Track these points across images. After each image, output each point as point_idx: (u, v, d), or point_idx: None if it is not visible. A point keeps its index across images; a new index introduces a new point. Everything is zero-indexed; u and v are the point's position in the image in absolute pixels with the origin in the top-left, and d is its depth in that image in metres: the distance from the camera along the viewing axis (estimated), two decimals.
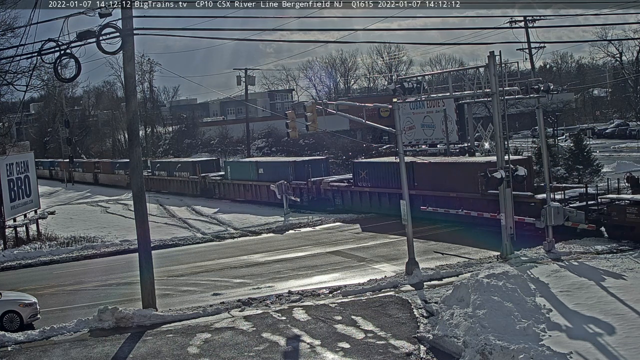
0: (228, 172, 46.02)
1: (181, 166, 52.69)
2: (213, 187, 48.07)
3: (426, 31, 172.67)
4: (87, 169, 74.94)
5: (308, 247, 27.65)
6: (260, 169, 42.48)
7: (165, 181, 55.39)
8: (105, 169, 69.21)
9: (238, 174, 44.97)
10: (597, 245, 22.39)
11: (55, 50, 17.66)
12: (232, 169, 45.92)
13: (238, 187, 44.59)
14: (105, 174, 68.64)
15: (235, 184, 45.03)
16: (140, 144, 20.78)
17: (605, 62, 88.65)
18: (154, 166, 57.62)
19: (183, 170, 51.94)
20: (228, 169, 46.25)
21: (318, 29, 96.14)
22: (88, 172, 74.40)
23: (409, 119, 47.90)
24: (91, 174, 72.66)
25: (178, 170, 52.66)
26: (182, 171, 52.11)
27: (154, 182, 56.01)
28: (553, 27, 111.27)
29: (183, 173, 51.81)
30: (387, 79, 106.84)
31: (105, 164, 70.11)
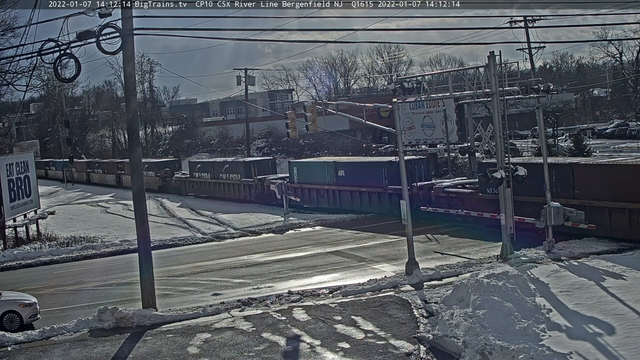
0: (294, 174, 39.55)
1: (229, 167, 46.36)
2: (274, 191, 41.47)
3: (425, 31, 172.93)
4: (108, 170, 68.58)
5: (308, 247, 27.65)
6: (340, 170, 36.31)
7: (208, 184, 48.84)
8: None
9: (308, 176, 38.71)
10: (597, 246, 22.39)
11: (55, 50, 17.67)
12: (301, 171, 39.54)
13: (309, 192, 38.31)
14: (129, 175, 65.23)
15: (305, 189, 38.64)
16: (140, 144, 20.79)
17: (605, 62, 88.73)
18: (193, 167, 51.46)
19: (232, 172, 45.61)
20: (294, 170, 39.74)
21: (317, 29, 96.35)
22: (109, 173, 68.15)
23: (409, 119, 47.93)
24: (113, 175, 66.33)
25: (225, 172, 46.42)
26: (230, 173, 45.79)
27: (194, 185, 50.82)
28: (552, 27, 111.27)
29: (232, 175, 45.42)
30: (387, 79, 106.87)
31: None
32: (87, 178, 73.20)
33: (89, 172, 73.78)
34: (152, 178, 55.37)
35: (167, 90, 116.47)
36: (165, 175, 54.61)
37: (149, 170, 55.73)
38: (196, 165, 51.31)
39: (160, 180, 54.98)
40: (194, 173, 50.82)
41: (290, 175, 40.13)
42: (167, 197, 50.42)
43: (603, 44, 72.33)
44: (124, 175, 63.02)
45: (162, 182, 54.73)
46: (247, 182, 43.22)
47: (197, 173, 50.40)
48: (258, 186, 42.24)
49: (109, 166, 69.30)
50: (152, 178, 55.35)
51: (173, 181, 53.60)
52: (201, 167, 50.26)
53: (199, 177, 49.97)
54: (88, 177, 73.17)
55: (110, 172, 67.37)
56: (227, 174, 46.27)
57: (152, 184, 54.26)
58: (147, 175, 54.45)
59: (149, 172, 55.73)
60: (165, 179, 54.60)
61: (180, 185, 52.48)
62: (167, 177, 54.29)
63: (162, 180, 54.83)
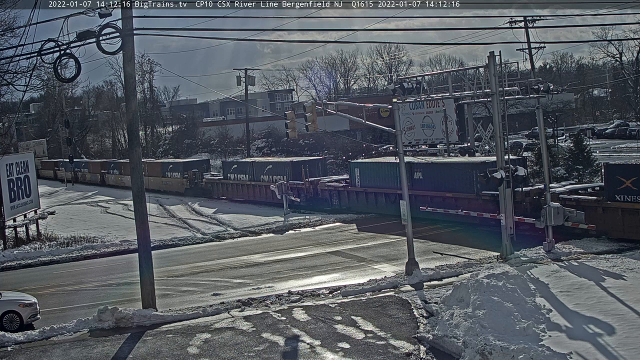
0: (356, 176, 35.26)
1: (273, 168, 41.77)
2: (330, 196, 36.97)
3: (424, 31, 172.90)
4: (125, 171, 61.89)
5: (308, 247, 27.65)
6: (417, 172, 31.22)
7: (245, 187, 44.01)
8: (153, 171, 56.16)
9: (374, 178, 34.10)
10: (597, 246, 22.40)
11: (55, 50, 17.67)
12: (365, 172, 34.92)
13: (375, 197, 33.73)
14: (153, 177, 55.58)
15: (370, 193, 34.24)
16: (140, 144, 20.78)
17: (605, 62, 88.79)
18: (228, 168, 46.81)
19: (276, 174, 41.10)
20: (356, 171, 35.32)
21: (317, 29, 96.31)
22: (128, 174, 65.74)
23: (409, 119, 47.95)
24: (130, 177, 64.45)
25: (268, 173, 41.88)
26: (274, 174, 41.29)
27: (228, 187, 46.06)
28: (552, 28, 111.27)
29: (276, 177, 40.70)
30: (387, 79, 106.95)
31: (154, 166, 57.15)
32: (101, 179, 68.59)
33: (103, 172, 68.68)
34: (178, 180, 51.53)
35: (167, 90, 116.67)
36: (194, 176, 49.92)
37: (174, 172, 52.47)
38: (231, 166, 46.66)
39: (187, 183, 50.35)
40: (228, 174, 46.30)
41: (352, 177, 35.68)
42: (196, 200, 45.87)
43: (603, 44, 72.44)
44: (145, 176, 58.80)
45: (190, 185, 50.06)
46: (296, 185, 38.72)
47: (232, 174, 45.81)
48: (310, 189, 38.02)
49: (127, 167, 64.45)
50: (177, 180, 51.63)
51: (203, 183, 49.00)
52: (237, 168, 45.67)
53: (234, 178, 45.32)
54: (102, 179, 68.39)
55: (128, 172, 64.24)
56: (270, 175, 41.61)
57: (178, 187, 51.29)
58: (172, 177, 52.71)
59: (173, 174, 52.57)
60: (194, 181, 49.85)
61: (212, 187, 48.09)
62: (195, 179, 49.67)
63: (189, 183, 50.17)
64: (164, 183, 54.08)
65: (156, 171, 55.64)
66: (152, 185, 53.94)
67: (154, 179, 54.86)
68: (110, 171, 66.53)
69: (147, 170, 55.91)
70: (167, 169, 53.92)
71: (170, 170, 53.45)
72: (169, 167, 53.83)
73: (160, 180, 54.45)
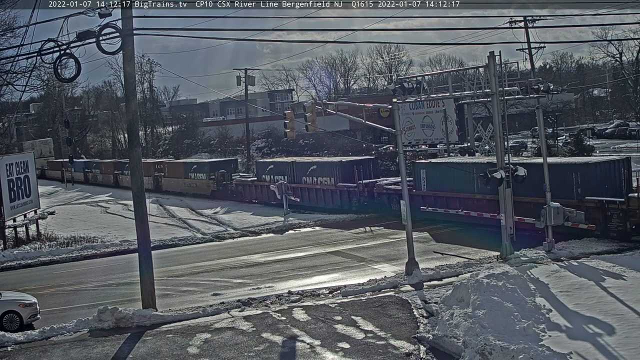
0: (422, 179, 30.79)
1: (317, 169, 37.70)
2: (388, 200, 32.31)
3: (423, 31, 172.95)
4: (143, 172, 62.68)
5: (308, 247, 27.65)
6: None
7: None
8: (174, 171, 52.99)
9: (445, 181, 29.32)
10: (597, 246, 22.40)
11: (55, 51, 17.67)
12: (432, 174, 30.28)
13: (447, 201, 29.25)
14: (174, 178, 52.58)
15: (439, 198, 29.67)
16: (140, 144, 20.78)
17: (605, 62, 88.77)
18: (263, 168, 42.73)
19: (321, 175, 37.12)
20: (422, 173, 30.84)
21: (317, 29, 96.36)
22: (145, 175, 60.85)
23: (409, 119, 47.94)
24: (150, 178, 54.51)
25: (312, 174, 37.91)
26: (318, 176, 37.28)
27: (262, 190, 41.57)
28: (551, 28, 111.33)
29: (322, 179, 36.89)
30: (387, 79, 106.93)
31: (175, 166, 53.76)
32: (114, 180, 64.49)
33: (117, 173, 64.31)
34: (203, 181, 47.83)
35: (167, 90, 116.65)
36: (222, 178, 45.86)
37: (199, 172, 48.80)
38: (267, 166, 42.27)
39: (214, 184, 46.46)
40: (262, 176, 42.18)
41: (416, 179, 31.05)
42: (226, 204, 42.23)
43: (603, 44, 72.41)
44: (164, 177, 54.79)
45: (218, 186, 46.09)
46: (347, 188, 34.84)
47: (267, 175, 41.64)
48: (364, 192, 33.97)
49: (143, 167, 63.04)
50: (202, 181, 47.93)
51: (233, 185, 45.05)
52: (274, 169, 41.34)
53: (270, 180, 40.89)
54: (116, 180, 64.24)
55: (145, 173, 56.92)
56: (314, 177, 37.63)
57: (203, 189, 47.64)
58: (196, 178, 49.13)
59: (198, 175, 48.84)
60: (222, 183, 45.80)
61: (243, 190, 43.97)
62: (223, 180, 45.73)
63: (217, 184, 46.22)
64: (187, 185, 50.47)
65: (178, 172, 52.25)
66: (173, 187, 52.43)
67: (176, 181, 52.19)
68: (124, 172, 61.31)
69: (166, 171, 54.38)
70: (190, 170, 50.36)
71: (194, 171, 49.87)
72: (192, 168, 50.33)
73: (183, 182, 51.01)
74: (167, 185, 53.87)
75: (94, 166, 72.24)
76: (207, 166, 48.48)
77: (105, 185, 65.02)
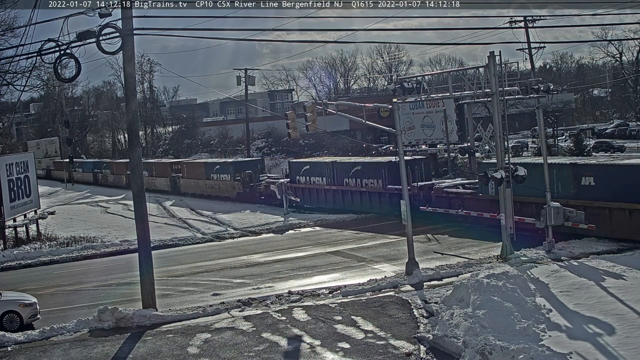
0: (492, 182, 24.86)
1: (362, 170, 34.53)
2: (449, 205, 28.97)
3: (422, 31, 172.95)
4: (158, 172, 55.11)
5: (308, 247, 27.65)
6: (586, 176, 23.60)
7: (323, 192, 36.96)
8: (194, 172, 50.06)
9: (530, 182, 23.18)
10: (597, 246, 22.39)
11: (55, 51, 17.67)
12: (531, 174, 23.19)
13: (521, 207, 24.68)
14: (194, 179, 49.75)
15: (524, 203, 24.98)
16: (140, 144, 20.78)
17: (605, 62, 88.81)
18: (297, 169, 39.55)
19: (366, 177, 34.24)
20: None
21: (317, 29, 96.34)
22: (160, 176, 54.70)
23: (409, 119, 47.95)
24: (165, 179, 53.21)
25: (355, 175, 34.96)
26: (363, 177, 34.44)
27: (297, 192, 38.36)
28: (551, 28, 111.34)
29: (368, 181, 34.10)
30: (387, 79, 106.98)
31: (195, 167, 50.74)
32: (127, 181, 57.75)
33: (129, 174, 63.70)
34: (227, 183, 44.64)
35: (167, 90, 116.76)
36: (248, 179, 42.60)
37: (222, 173, 45.68)
38: (301, 167, 39.03)
39: (240, 186, 43.28)
40: (297, 177, 39.10)
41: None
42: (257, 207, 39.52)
43: (603, 44, 72.41)
44: (182, 178, 51.28)
45: (244, 188, 42.92)
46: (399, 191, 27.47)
47: (302, 177, 38.64)
48: (419, 196, 30.31)
49: (159, 168, 55.66)
50: (226, 183, 44.76)
51: (261, 187, 41.71)
52: (310, 170, 38.05)
53: (306, 182, 38.13)
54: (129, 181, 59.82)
55: (161, 174, 54.61)
56: (359, 178, 34.46)
57: (227, 190, 44.62)
58: (219, 179, 46.04)
59: (221, 175, 45.71)
60: (249, 184, 42.52)
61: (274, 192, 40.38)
62: (250, 182, 42.45)
63: (243, 186, 43.07)
64: (208, 186, 47.34)
65: (198, 173, 49.13)
66: (192, 189, 49.45)
67: (195, 182, 49.14)
68: None
69: (185, 172, 51.40)
70: (212, 170, 46.96)
71: (216, 172, 46.43)
72: (214, 168, 46.85)
73: (204, 183, 47.90)
74: (185, 186, 50.83)
75: (104, 166, 68.76)
76: (231, 166, 45.31)
77: (116, 186, 61.70)
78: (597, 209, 22.88)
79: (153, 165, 55.98)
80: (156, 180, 54.71)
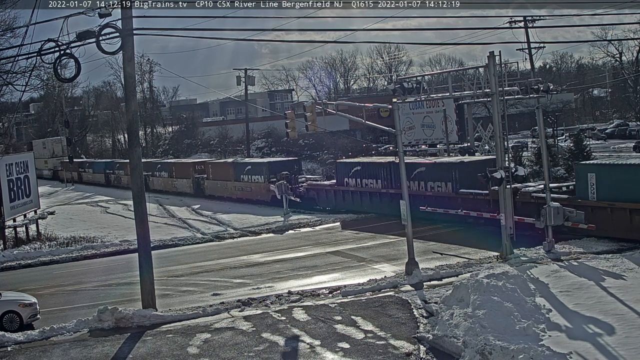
0: (589, 185, 23.33)
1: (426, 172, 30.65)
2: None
3: (422, 31, 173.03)
4: (178, 173, 51.10)
5: (308, 247, 27.64)
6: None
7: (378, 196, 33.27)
8: (221, 173, 46.17)
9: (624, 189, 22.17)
10: (597, 246, 22.38)
11: (55, 51, 17.67)
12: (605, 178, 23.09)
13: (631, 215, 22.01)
14: (221, 181, 45.74)
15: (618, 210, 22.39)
16: (140, 144, 20.78)
17: (605, 62, 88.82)
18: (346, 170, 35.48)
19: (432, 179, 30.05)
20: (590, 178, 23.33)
21: (316, 29, 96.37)
22: (180, 177, 51.01)
23: (409, 119, 48.01)
24: (188, 180, 49.44)
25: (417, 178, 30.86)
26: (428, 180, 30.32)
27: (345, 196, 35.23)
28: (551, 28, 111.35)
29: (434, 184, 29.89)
30: (386, 79, 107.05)
31: (222, 167, 46.63)
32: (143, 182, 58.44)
33: (146, 175, 54.03)
34: (261, 185, 40.47)
35: (166, 90, 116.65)
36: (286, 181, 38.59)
37: (254, 174, 41.71)
38: (351, 168, 35.27)
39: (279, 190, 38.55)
40: (345, 179, 35.23)
41: (580, 185, 24.01)
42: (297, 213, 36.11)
43: (603, 44, 72.42)
44: (207, 180, 47.47)
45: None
46: (473, 196, 27.51)
47: (351, 179, 34.88)
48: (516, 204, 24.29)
49: (180, 168, 51.70)
50: (259, 185, 40.72)
51: (301, 190, 38.34)
52: (361, 171, 34.33)
53: (356, 185, 34.50)
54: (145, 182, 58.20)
55: (183, 175, 50.74)
56: (422, 181, 30.67)
57: (260, 194, 40.52)
58: (251, 181, 41.96)
59: (253, 177, 41.70)
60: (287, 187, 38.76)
61: (317, 196, 37.61)
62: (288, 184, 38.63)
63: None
64: (238, 189, 43.48)
65: (225, 174, 45.23)
66: (219, 192, 45.68)
67: (223, 184, 45.28)
68: (155, 173, 54.76)
69: (210, 173, 47.63)
70: (242, 171, 43.02)
71: (247, 173, 42.49)
72: (245, 169, 42.84)
73: (233, 185, 43.91)
74: (211, 189, 46.96)
75: (117, 167, 64.41)
76: (265, 167, 40.95)
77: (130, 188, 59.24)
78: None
79: (173, 166, 52.85)
80: (177, 182, 51.39)
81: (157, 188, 53.42)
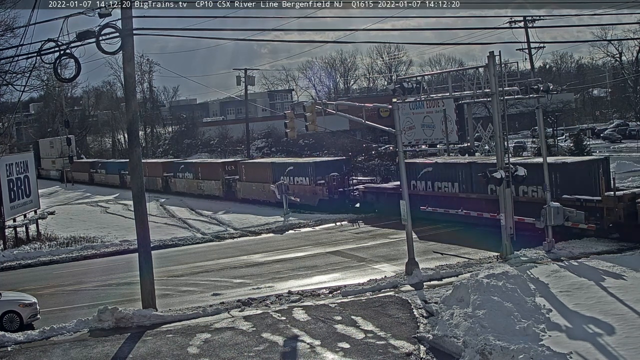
0: None
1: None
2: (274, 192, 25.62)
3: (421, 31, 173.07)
4: (207, 174, 47.42)
5: (308, 247, 27.64)
6: None
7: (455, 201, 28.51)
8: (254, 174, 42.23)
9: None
10: (597, 246, 22.38)
11: (55, 51, 17.67)
12: None
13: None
14: (256, 182, 41.45)
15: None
16: (140, 144, 20.78)
17: (605, 62, 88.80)
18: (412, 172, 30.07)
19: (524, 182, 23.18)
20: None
21: (316, 29, 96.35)
22: (208, 178, 47.28)
23: (409, 119, 47.95)
24: (217, 182, 45.76)
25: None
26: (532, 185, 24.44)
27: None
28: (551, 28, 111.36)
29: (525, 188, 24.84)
30: (386, 79, 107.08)
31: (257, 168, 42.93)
32: (163, 184, 53.32)
33: (167, 176, 52.90)
34: (306, 188, 36.96)
35: (166, 90, 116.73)
36: (335, 183, 35.37)
37: (297, 176, 37.93)
38: (419, 169, 30.76)
39: (325, 191, 35.63)
40: (413, 182, 30.12)
41: None
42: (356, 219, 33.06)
43: (603, 44, 72.40)
44: (240, 182, 43.29)
45: (330, 195, 35.32)
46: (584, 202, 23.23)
47: (421, 182, 30.64)
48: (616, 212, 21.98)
49: (208, 169, 48.01)
50: (304, 188, 37.10)
51: (357, 193, 35.36)
52: (433, 173, 30.03)
53: (427, 189, 30.44)
54: (165, 183, 53.15)
55: (211, 177, 46.93)
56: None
57: (306, 197, 36.75)
58: (294, 184, 37.72)
59: (296, 179, 37.83)
60: (336, 190, 35.41)
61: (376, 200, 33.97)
62: (338, 187, 35.43)
63: (328, 192, 35.46)
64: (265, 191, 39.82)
65: (262, 175, 41.10)
66: (254, 195, 41.56)
67: (258, 186, 40.93)
68: (177, 174, 51.20)
69: (243, 174, 43.40)
70: (282, 172, 38.72)
71: (289, 174, 38.26)
72: (286, 170, 38.58)
73: (270, 188, 38.82)
74: (245, 191, 42.79)
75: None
76: (310, 167, 37.13)
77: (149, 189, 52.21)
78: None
79: (199, 166, 49.04)
80: (203, 184, 47.43)
81: (179, 190, 50.64)
